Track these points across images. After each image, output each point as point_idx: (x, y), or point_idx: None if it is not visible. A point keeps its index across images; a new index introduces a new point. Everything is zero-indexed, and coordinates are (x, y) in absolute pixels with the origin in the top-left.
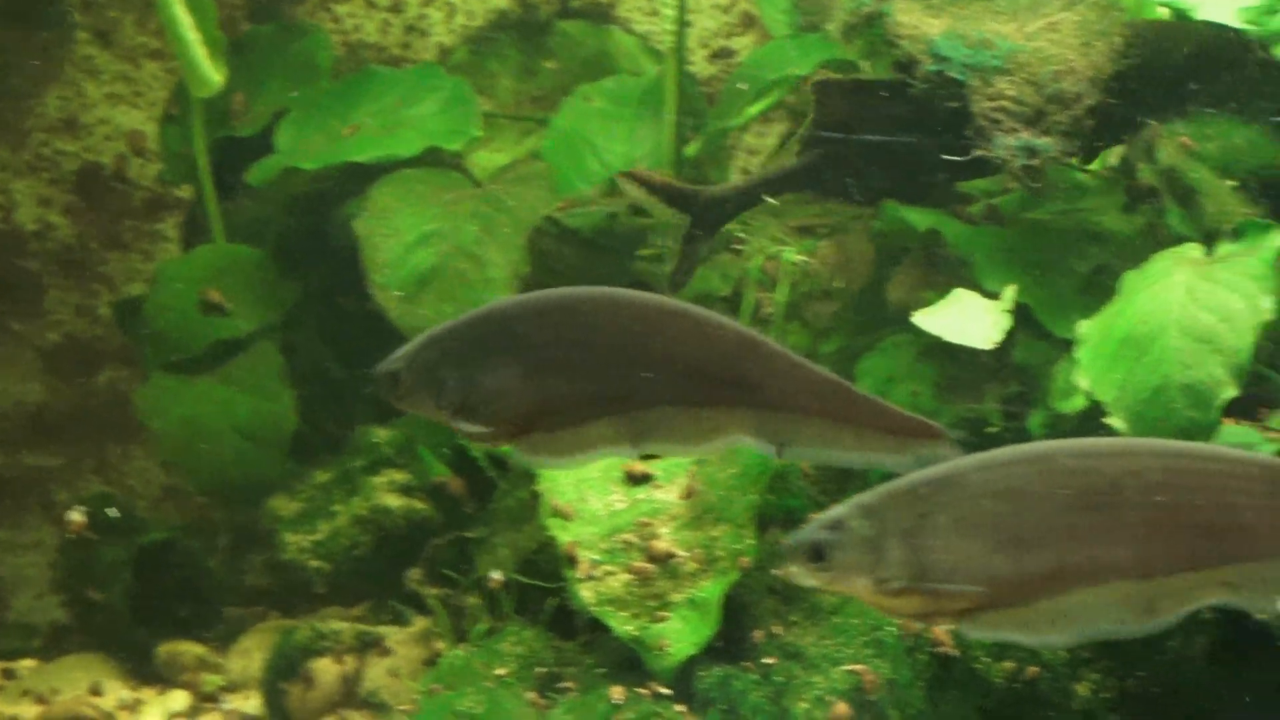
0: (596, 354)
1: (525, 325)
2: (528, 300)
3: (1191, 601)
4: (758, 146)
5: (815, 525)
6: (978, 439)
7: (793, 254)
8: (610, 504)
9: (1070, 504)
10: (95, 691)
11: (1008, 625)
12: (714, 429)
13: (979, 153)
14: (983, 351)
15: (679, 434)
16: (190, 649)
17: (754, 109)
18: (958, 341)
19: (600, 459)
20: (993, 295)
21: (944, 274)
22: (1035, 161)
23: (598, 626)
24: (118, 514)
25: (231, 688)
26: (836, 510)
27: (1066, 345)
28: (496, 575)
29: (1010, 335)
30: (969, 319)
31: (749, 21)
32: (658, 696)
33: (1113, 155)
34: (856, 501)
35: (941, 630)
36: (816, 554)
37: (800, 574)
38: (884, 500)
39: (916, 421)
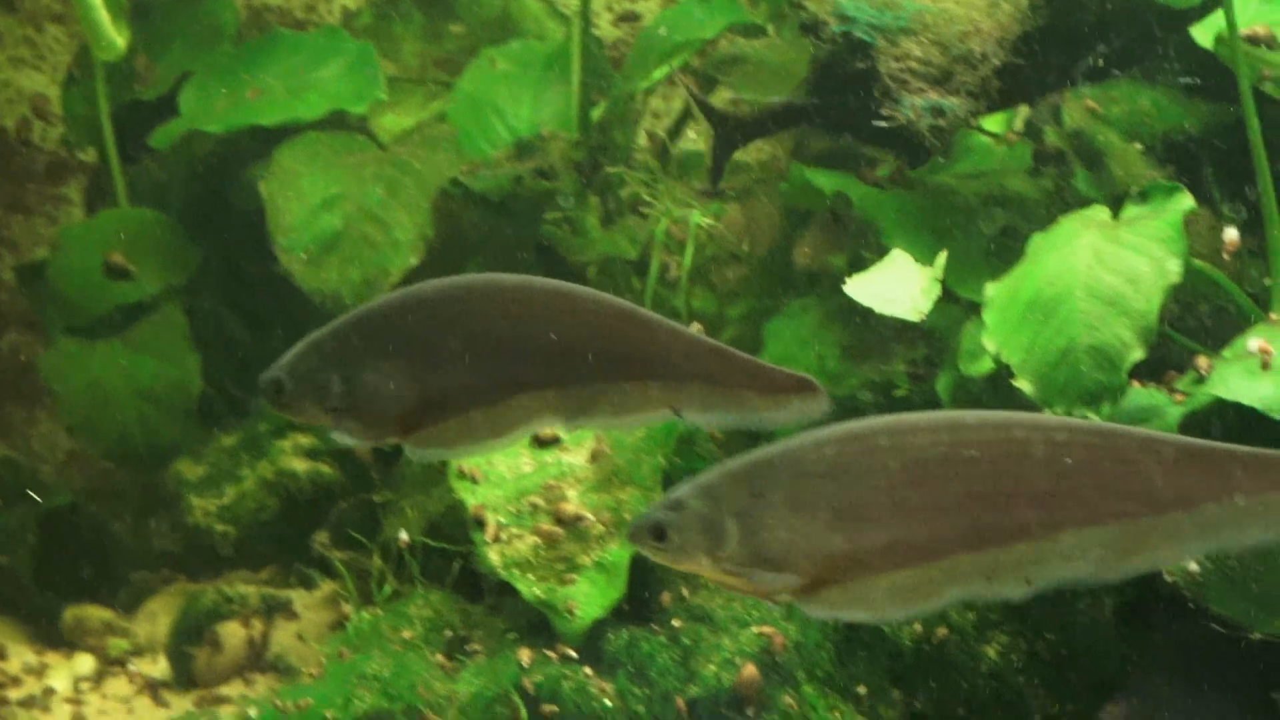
0: (478, 343)
1: (404, 321)
2: (405, 295)
3: (1033, 574)
4: (663, 110)
5: (657, 505)
6: (886, 401)
7: (699, 217)
8: (517, 467)
9: (898, 480)
10: (0, 655)
11: (847, 602)
12: (603, 404)
13: (884, 112)
14: (889, 315)
15: (565, 411)
16: (96, 613)
17: (659, 72)
18: (887, 313)
19: (493, 448)
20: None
21: (851, 237)
22: (942, 122)
23: (505, 589)
24: None
25: (138, 652)
26: (678, 490)
27: (974, 308)
28: (404, 537)
29: None
30: (900, 286)
31: None
32: (565, 659)
33: (1019, 118)
34: (696, 481)
35: None
36: (658, 533)
37: (645, 552)
38: (720, 480)
39: (793, 378)
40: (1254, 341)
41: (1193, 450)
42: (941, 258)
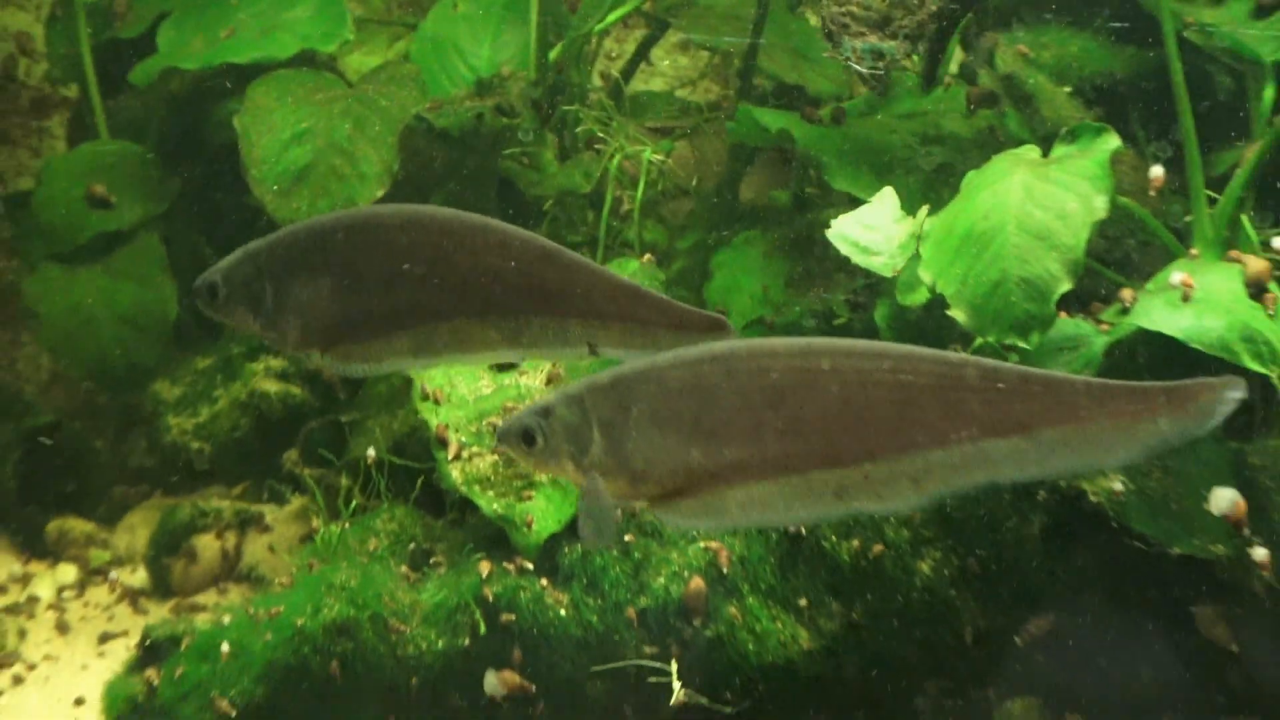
0: (404, 269)
1: (337, 242)
2: (340, 218)
3: (884, 494)
4: (617, 51)
5: (526, 410)
6: (828, 328)
7: (650, 153)
8: (478, 389)
9: (755, 400)
10: None
11: (700, 511)
12: (523, 337)
13: (826, 55)
14: (832, 247)
15: (485, 340)
16: (78, 525)
17: (613, 15)
18: (864, 266)
19: (412, 368)
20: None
21: (795, 174)
22: (881, 64)
23: (466, 505)
24: None
25: (118, 562)
26: (547, 398)
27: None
28: (371, 455)
29: None
30: (880, 240)
31: None
32: (523, 571)
33: (954, 61)
34: (564, 390)
35: None
36: (527, 438)
37: (514, 455)
38: (589, 391)
39: (705, 318)
40: (1176, 275)
41: (1032, 378)
42: (923, 213)
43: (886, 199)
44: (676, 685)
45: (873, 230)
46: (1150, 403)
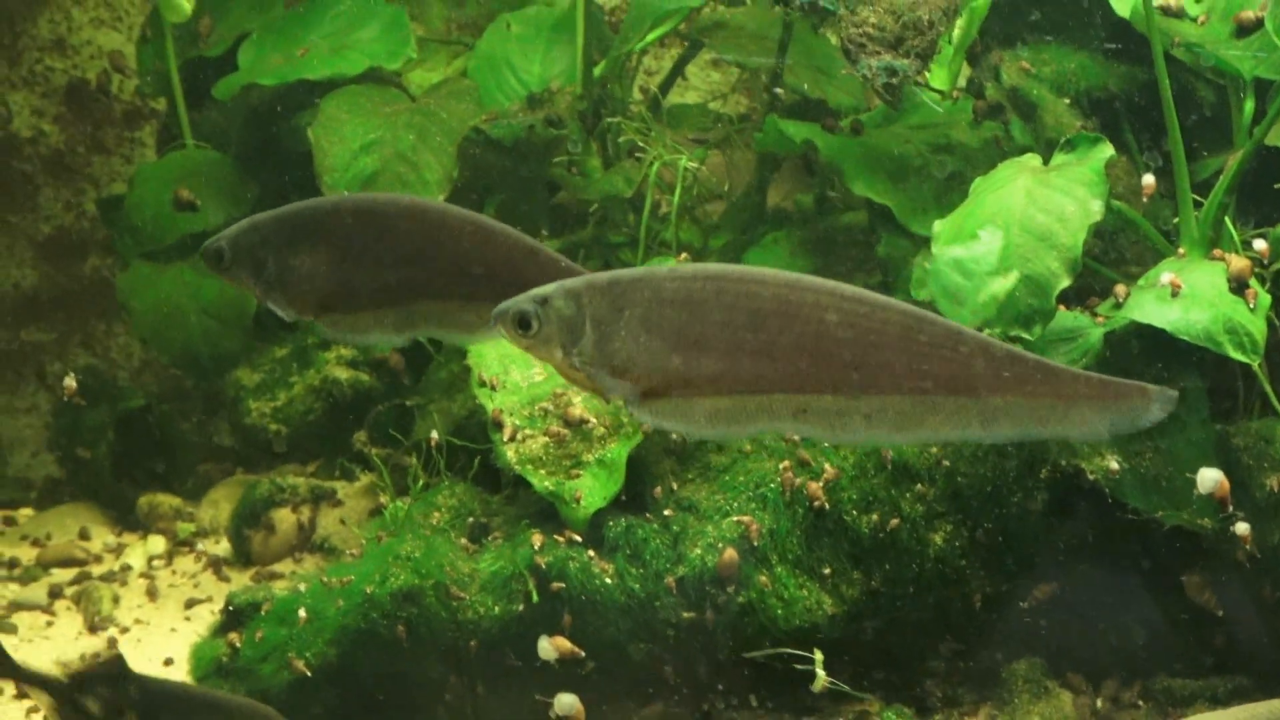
0: (395, 251)
1: (334, 221)
2: (342, 200)
3: (837, 426)
4: (655, 68)
5: (526, 296)
6: None
7: (686, 161)
8: (530, 377)
9: (737, 321)
10: (84, 536)
11: (671, 414)
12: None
13: (845, 72)
14: (852, 245)
15: (463, 324)
16: (167, 500)
17: (652, 35)
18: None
19: (396, 342)
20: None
21: (817, 180)
22: (895, 80)
23: (520, 483)
24: None
25: (203, 534)
26: (545, 289)
27: (923, 241)
28: (434, 436)
29: (875, 232)
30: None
31: None
32: (572, 543)
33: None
34: (564, 284)
35: (816, 487)
36: (522, 322)
37: (507, 336)
38: (586, 288)
39: None
40: (1165, 275)
41: (991, 349)
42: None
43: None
44: (820, 673)
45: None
46: (1089, 390)
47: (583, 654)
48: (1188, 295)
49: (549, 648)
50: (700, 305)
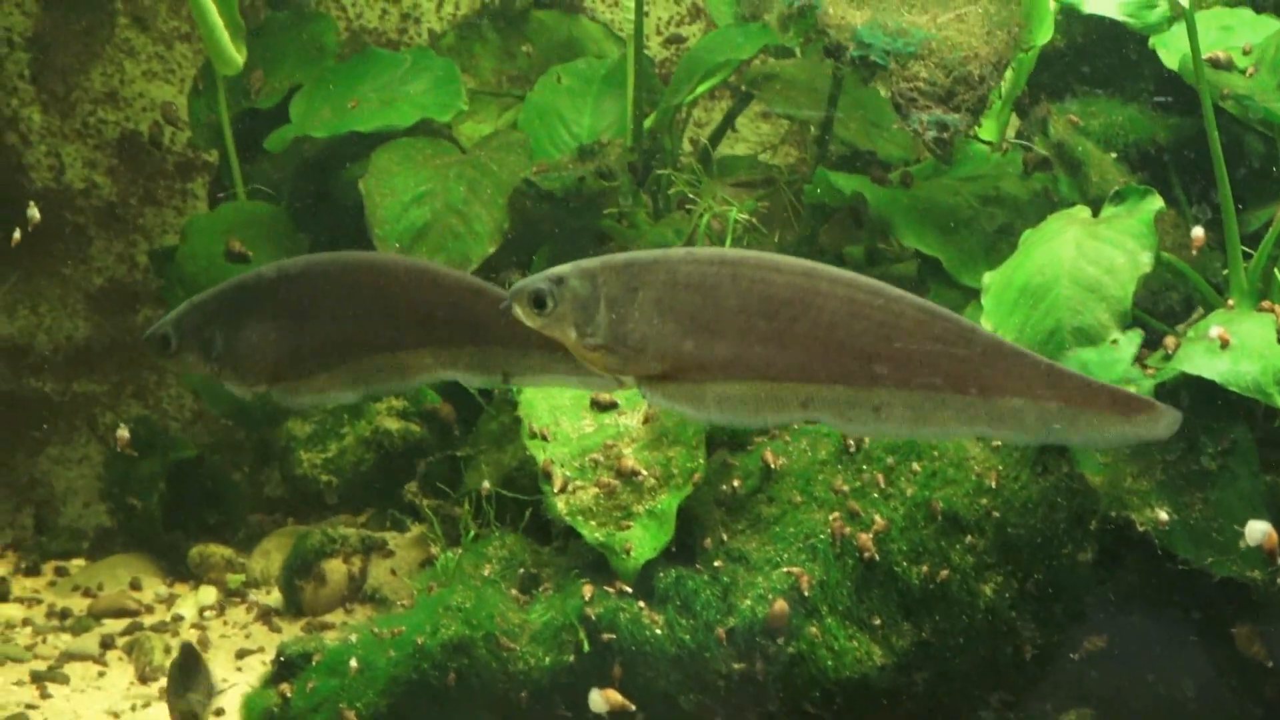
0: (339, 310)
1: (275, 288)
2: (281, 266)
3: (846, 416)
4: (705, 119)
5: (542, 275)
6: None
7: (736, 212)
8: (580, 428)
9: (751, 307)
10: (136, 587)
11: (681, 397)
12: (452, 366)
13: (896, 125)
14: None
15: (418, 369)
16: (218, 551)
17: (702, 87)
18: None
19: (352, 399)
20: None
21: (866, 232)
22: (945, 134)
23: (570, 534)
24: None
25: (254, 584)
26: (562, 267)
27: (974, 293)
28: (485, 485)
29: (925, 284)
30: None
31: (697, 12)
32: (622, 594)
33: (1011, 129)
34: (580, 264)
35: (866, 538)
36: (537, 301)
37: (522, 315)
38: (602, 268)
39: None
40: (1214, 329)
41: (1003, 349)
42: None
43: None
44: None
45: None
46: (1096, 401)
47: (633, 707)
48: (1237, 347)
49: (600, 700)
50: (714, 290)
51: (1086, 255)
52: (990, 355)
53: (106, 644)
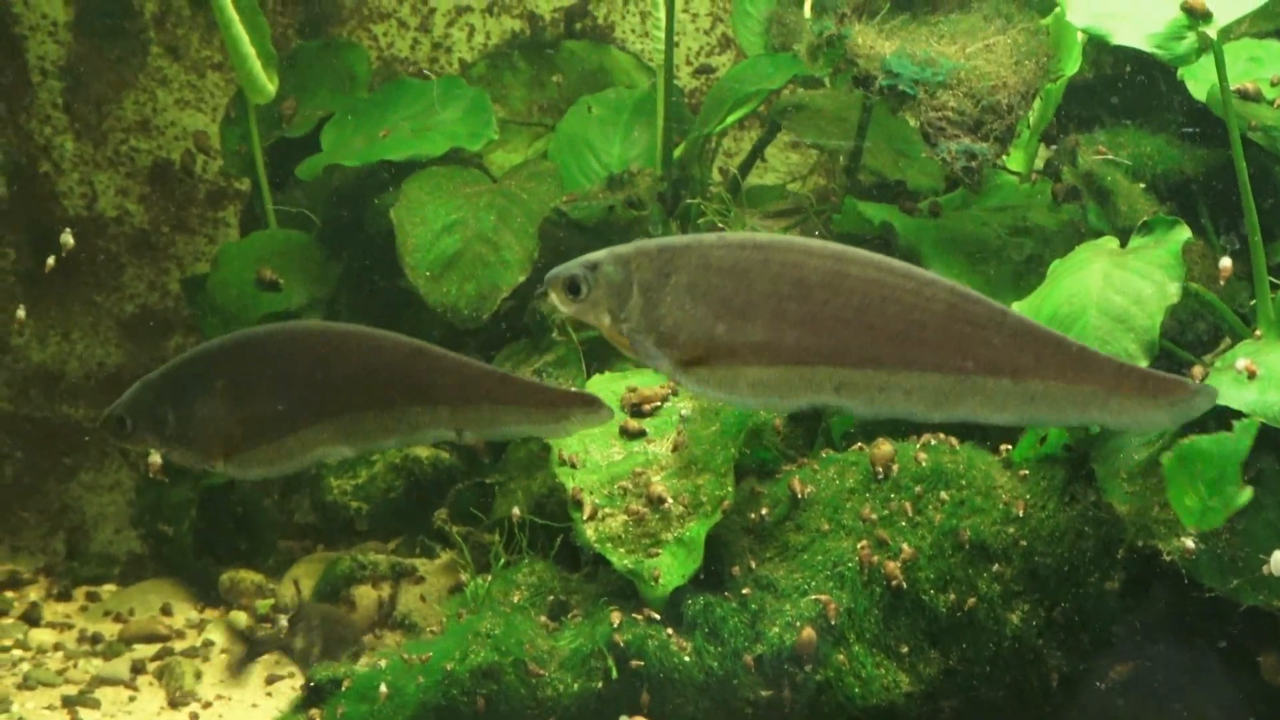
0: (286, 379)
1: (223, 364)
2: (224, 341)
3: (876, 400)
4: (734, 149)
5: (576, 261)
6: None
7: None
8: (610, 456)
9: (783, 292)
10: (166, 612)
11: (716, 382)
12: (401, 425)
13: (925, 155)
14: None
15: (369, 433)
16: (248, 576)
17: (731, 117)
18: None
19: (308, 465)
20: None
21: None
22: (974, 164)
23: (599, 561)
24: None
25: (284, 610)
26: (596, 253)
27: None
28: (516, 512)
29: None
30: None
31: (727, 43)
32: (650, 621)
33: (1040, 159)
34: (613, 250)
35: (894, 566)
36: (571, 287)
37: (557, 301)
38: (635, 254)
39: (574, 394)
40: (1241, 361)
41: (1035, 332)
42: None
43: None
44: None
45: None
46: (1129, 383)
47: None
48: (1265, 377)
49: None
50: (746, 274)
51: (1114, 285)
52: (1022, 338)
53: (137, 669)
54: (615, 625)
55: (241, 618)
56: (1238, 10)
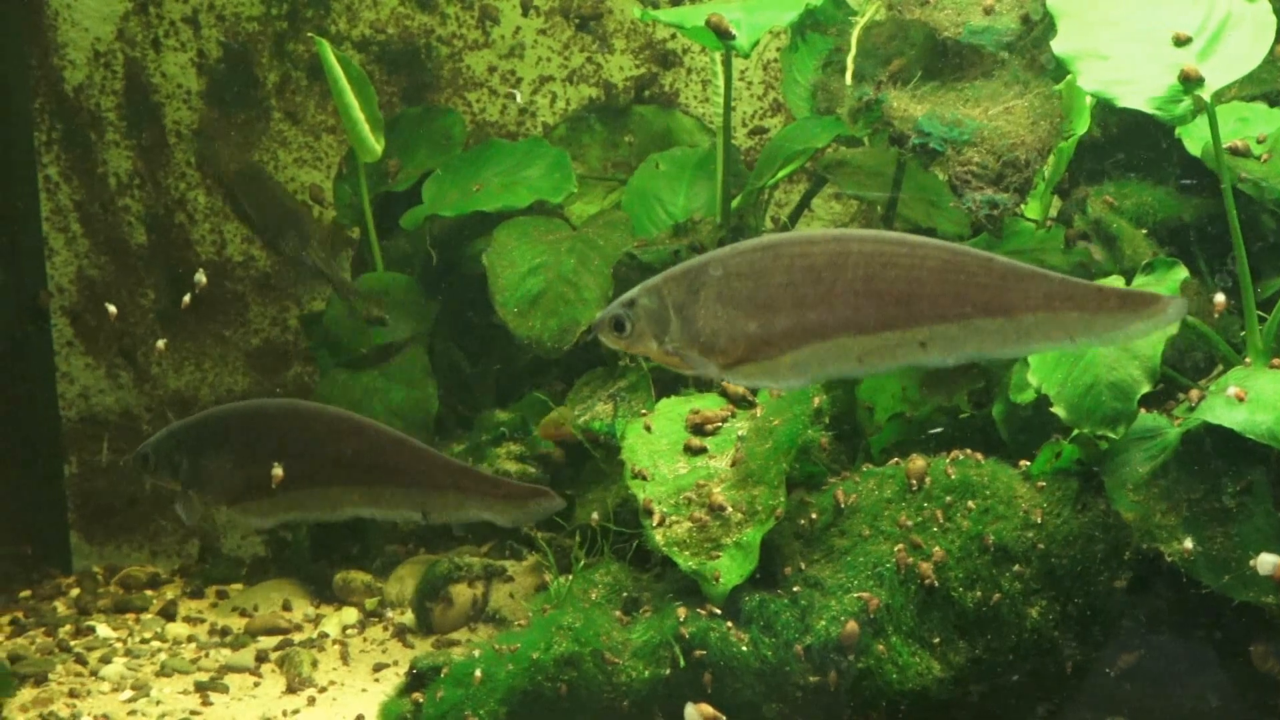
0: (280, 446)
1: (231, 425)
2: (238, 408)
3: (897, 356)
4: (785, 200)
5: (616, 304)
6: (954, 422)
7: None
8: (676, 470)
9: (798, 279)
10: (286, 608)
11: (760, 374)
12: (379, 500)
13: (952, 205)
14: None
15: (350, 504)
16: (359, 576)
17: (782, 172)
18: None
19: (297, 520)
20: None
21: None
22: (996, 212)
23: (667, 562)
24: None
25: (390, 606)
26: (632, 292)
27: None
28: (594, 518)
29: None
30: None
31: (778, 107)
32: (712, 616)
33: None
34: (644, 284)
35: (927, 567)
36: (617, 326)
37: (607, 341)
38: (665, 282)
39: (527, 488)
40: (1232, 388)
41: (1018, 270)
42: None
43: None
44: None
45: None
46: (1108, 304)
47: (724, 719)
48: (1253, 400)
49: (695, 714)
50: (763, 272)
51: None
52: (1009, 278)
53: (261, 658)
54: (681, 619)
55: (353, 613)
56: (1228, 77)
